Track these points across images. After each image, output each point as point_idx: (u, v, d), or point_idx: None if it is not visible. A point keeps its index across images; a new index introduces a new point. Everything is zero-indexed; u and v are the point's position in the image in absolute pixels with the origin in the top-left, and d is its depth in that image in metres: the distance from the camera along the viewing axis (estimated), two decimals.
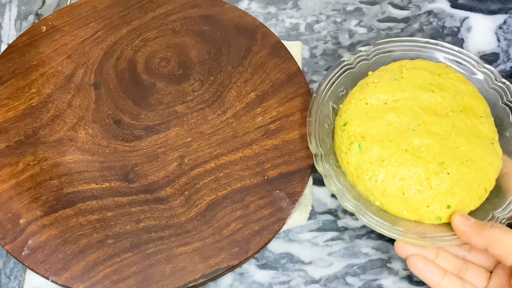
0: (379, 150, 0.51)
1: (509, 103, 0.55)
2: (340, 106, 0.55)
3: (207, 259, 0.50)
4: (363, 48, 0.58)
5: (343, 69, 0.57)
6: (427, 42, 0.58)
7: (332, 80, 0.56)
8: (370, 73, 0.56)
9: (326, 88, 0.55)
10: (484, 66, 0.57)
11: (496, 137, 0.53)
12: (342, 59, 0.57)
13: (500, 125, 0.55)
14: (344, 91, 0.56)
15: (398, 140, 0.51)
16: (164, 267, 0.50)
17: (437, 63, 0.57)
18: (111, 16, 0.63)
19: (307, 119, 0.54)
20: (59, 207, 0.52)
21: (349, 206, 0.49)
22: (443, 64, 0.57)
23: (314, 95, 0.55)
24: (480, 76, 0.57)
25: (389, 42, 0.58)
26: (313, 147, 0.52)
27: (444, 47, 0.58)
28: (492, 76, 0.56)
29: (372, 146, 0.51)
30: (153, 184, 0.54)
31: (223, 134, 0.56)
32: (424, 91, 0.53)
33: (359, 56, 0.57)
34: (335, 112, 0.56)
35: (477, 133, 0.52)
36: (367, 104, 0.53)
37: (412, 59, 0.58)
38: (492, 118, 0.54)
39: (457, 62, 0.58)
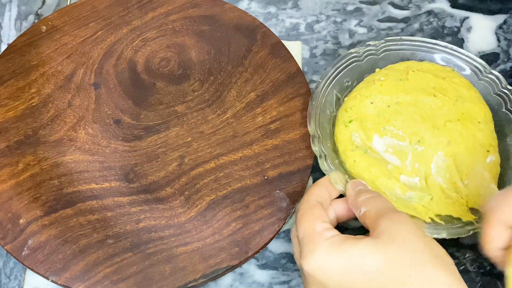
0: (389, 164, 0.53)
1: None
2: (345, 99, 0.56)
3: (207, 259, 0.50)
4: (372, 42, 0.58)
5: (351, 60, 0.57)
6: (436, 44, 0.58)
7: (338, 70, 0.57)
8: (377, 70, 0.57)
9: (332, 76, 0.56)
10: (491, 72, 0.57)
11: (494, 143, 0.54)
12: (350, 50, 0.57)
13: (501, 132, 0.55)
14: (350, 82, 0.57)
15: (401, 155, 0.53)
16: (164, 267, 0.50)
17: (443, 66, 0.57)
18: (111, 16, 0.63)
19: (310, 102, 0.55)
20: (59, 207, 0.52)
21: (341, 188, 0.50)
22: (449, 68, 0.57)
23: (319, 80, 0.56)
24: (486, 81, 0.57)
25: (399, 40, 0.59)
26: (311, 129, 0.53)
27: (453, 50, 0.58)
28: (498, 82, 0.56)
29: (378, 156, 0.53)
30: (153, 184, 0.54)
31: (223, 134, 0.56)
32: (426, 95, 0.54)
33: (367, 50, 0.58)
34: (339, 101, 0.56)
35: (472, 144, 0.53)
36: (372, 103, 0.54)
37: (420, 59, 0.58)
38: (492, 124, 0.55)
39: (464, 65, 0.58)
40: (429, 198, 0.51)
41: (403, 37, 0.59)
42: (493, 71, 0.57)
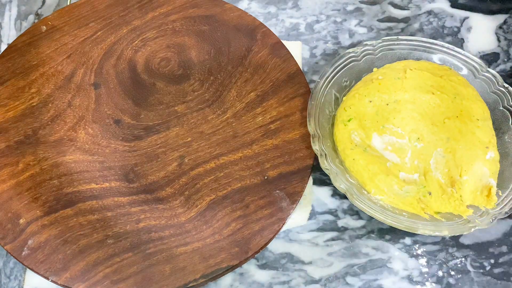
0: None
1: (510, 107, 0.55)
2: (344, 98, 0.56)
3: (207, 259, 0.50)
4: (369, 42, 0.58)
5: (349, 60, 0.58)
6: (433, 43, 0.59)
7: (336, 70, 0.57)
8: (375, 69, 0.58)
9: (330, 76, 0.56)
10: (487, 70, 0.57)
11: (493, 140, 0.54)
12: (347, 50, 0.58)
13: (499, 129, 0.55)
14: (348, 82, 0.57)
15: (400, 152, 0.53)
16: (164, 267, 0.50)
17: (441, 65, 0.58)
18: (111, 16, 0.63)
19: (309, 102, 0.55)
20: (59, 207, 0.52)
21: (341, 187, 0.51)
22: (446, 67, 0.57)
23: (318, 80, 0.56)
24: (483, 80, 0.57)
25: (395, 39, 0.59)
26: (311, 128, 0.53)
27: (450, 49, 0.59)
28: (495, 80, 0.57)
29: (377, 154, 0.53)
30: (153, 184, 0.54)
31: (223, 134, 0.56)
32: (424, 93, 0.54)
33: (365, 50, 0.58)
34: (338, 100, 0.57)
35: (471, 141, 0.53)
36: (370, 102, 0.55)
37: (417, 58, 0.59)
38: (491, 121, 0.55)
39: (461, 64, 0.58)
40: (427, 192, 0.51)
41: (400, 37, 0.59)
42: (490, 70, 0.57)
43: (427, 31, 0.65)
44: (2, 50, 0.63)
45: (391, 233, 0.54)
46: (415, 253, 0.53)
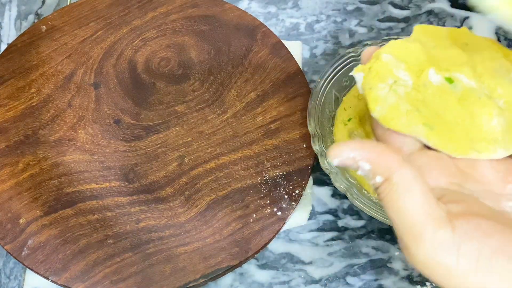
0: None
1: None
2: (344, 98, 0.56)
3: (207, 259, 0.50)
4: (369, 42, 0.58)
5: (349, 59, 0.57)
6: None
7: (337, 69, 0.57)
8: None
9: (330, 76, 0.56)
10: None
11: None
12: (347, 50, 0.58)
13: None
14: (348, 82, 0.57)
15: None
16: (164, 267, 0.50)
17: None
18: (111, 16, 0.63)
19: (309, 101, 0.55)
20: (59, 207, 0.52)
21: (341, 187, 0.50)
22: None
23: (318, 80, 0.56)
24: None
25: (396, 39, 0.59)
26: (311, 128, 0.53)
27: None
28: None
29: None
30: (153, 184, 0.54)
31: (223, 134, 0.56)
32: None
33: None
34: (338, 101, 0.57)
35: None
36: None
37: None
38: None
39: None
40: None
41: (400, 37, 0.59)
42: None
43: None
44: (2, 50, 0.62)
45: (391, 233, 0.54)
46: None
